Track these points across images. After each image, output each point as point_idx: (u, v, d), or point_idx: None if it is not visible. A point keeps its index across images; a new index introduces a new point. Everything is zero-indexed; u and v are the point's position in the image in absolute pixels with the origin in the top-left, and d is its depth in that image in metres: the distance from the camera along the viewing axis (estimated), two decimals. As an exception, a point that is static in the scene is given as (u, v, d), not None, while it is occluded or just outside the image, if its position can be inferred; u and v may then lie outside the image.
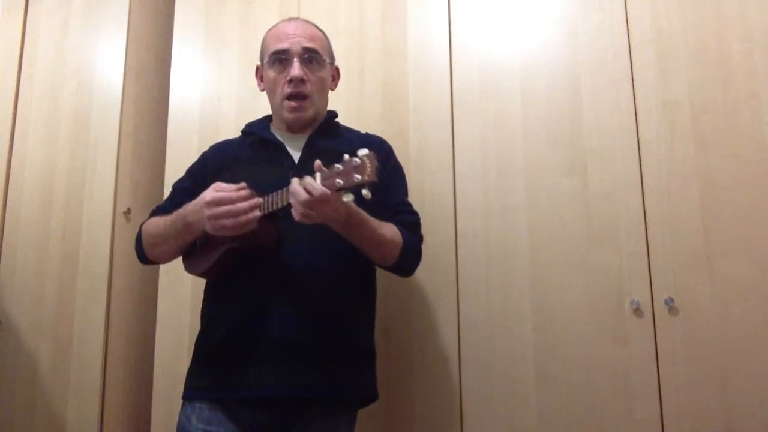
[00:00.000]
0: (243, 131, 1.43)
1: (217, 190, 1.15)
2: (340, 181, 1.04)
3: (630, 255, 1.51)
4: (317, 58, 1.35)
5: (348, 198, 1.04)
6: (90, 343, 1.90)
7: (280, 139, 1.37)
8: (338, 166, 1.05)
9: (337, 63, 1.74)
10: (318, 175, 1.07)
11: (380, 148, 1.40)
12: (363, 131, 1.49)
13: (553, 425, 1.51)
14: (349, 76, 1.83)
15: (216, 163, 1.38)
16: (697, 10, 1.56)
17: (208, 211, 1.12)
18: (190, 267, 1.33)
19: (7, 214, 2.09)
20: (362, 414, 1.37)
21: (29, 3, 2.23)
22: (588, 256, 1.54)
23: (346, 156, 1.06)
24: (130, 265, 1.98)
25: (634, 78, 1.58)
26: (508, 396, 1.55)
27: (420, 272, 1.66)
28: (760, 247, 1.44)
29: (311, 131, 1.37)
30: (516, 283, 1.59)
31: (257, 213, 1.13)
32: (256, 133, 1.39)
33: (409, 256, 1.32)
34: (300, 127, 1.37)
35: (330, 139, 1.37)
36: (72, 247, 1.98)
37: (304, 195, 1.05)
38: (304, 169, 1.25)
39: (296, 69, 1.30)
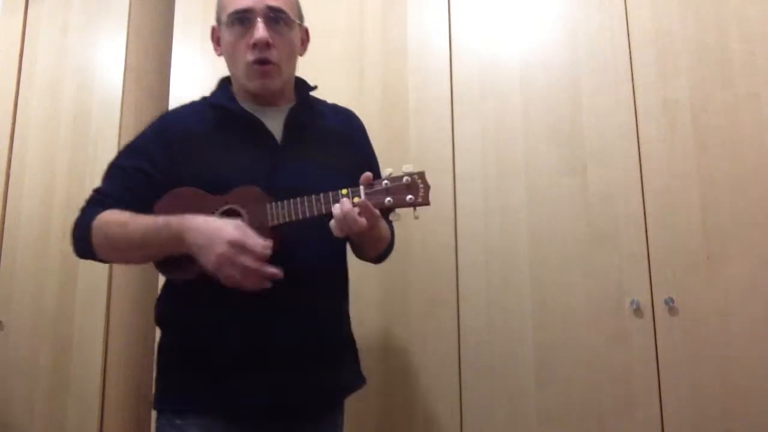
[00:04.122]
0: (209, 102, 1.22)
1: (245, 236, 0.99)
2: (391, 200, 0.99)
3: (630, 255, 1.51)
4: (284, 18, 1.15)
5: (395, 218, 1.00)
6: (90, 343, 1.90)
7: (253, 113, 1.17)
8: (386, 181, 1.00)
9: (337, 63, 1.74)
10: (362, 188, 1.00)
11: (357, 122, 1.32)
12: (329, 101, 1.33)
13: (553, 425, 1.51)
14: (349, 76, 1.83)
15: (181, 142, 1.14)
16: (697, 10, 1.56)
17: (224, 250, 0.97)
18: (169, 272, 1.12)
19: (7, 214, 2.09)
20: (362, 414, 1.38)
21: (29, 3, 2.23)
22: (588, 256, 1.54)
23: (390, 170, 1.00)
24: (130, 265, 1.98)
25: (634, 78, 1.58)
26: (508, 396, 1.55)
27: (420, 272, 1.66)
28: (760, 247, 1.43)
29: (285, 103, 1.21)
30: (516, 283, 1.59)
31: (267, 284, 1.01)
32: (225, 106, 1.18)
33: (390, 248, 1.28)
34: (269, 97, 1.19)
35: (309, 115, 1.22)
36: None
37: (362, 222, 0.98)
38: (289, 150, 1.15)
39: (260, 31, 1.11)
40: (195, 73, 2.01)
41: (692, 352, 1.44)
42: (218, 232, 0.99)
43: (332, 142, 1.20)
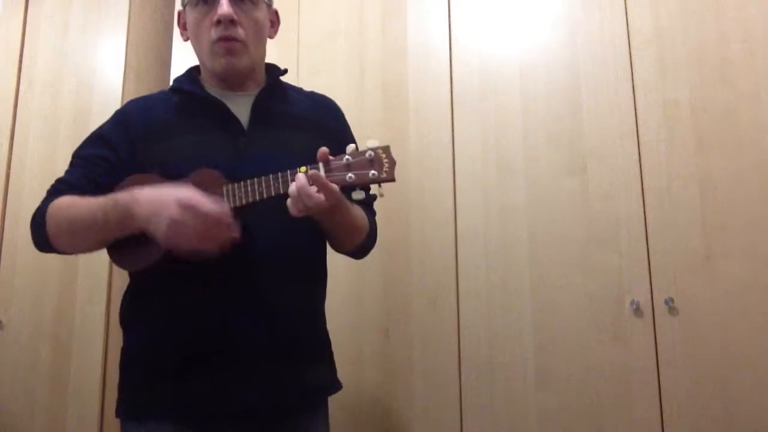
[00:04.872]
0: (172, 88, 1.17)
1: (193, 200, 0.91)
2: (352, 176, 0.92)
3: (630, 255, 1.51)
4: None
5: (358, 196, 0.94)
6: (90, 343, 1.91)
7: (219, 97, 1.12)
8: (347, 156, 0.93)
9: (337, 63, 1.74)
10: (321, 165, 0.94)
11: (334, 110, 1.26)
12: (307, 89, 1.28)
13: (553, 425, 1.51)
14: (349, 76, 1.83)
15: (142, 129, 1.10)
16: (697, 10, 1.56)
17: (175, 213, 0.90)
18: (125, 261, 1.07)
19: (7, 214, 2.09)
20: (362, 415, 1.38)
21: (29, 3, 2.23)
22: (588, 256, 1.54)
23: (353, 146, 0.94)
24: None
25: (634, 78, 1.58)
26: (508, 396, 1.55)
27: (420, 272, 1.66)
28: (760, 247, 1.43)
29: (254, 88, 1.16)
30: (516, 283, 1.59)
31: (229, 242, 0.93)
32: (189, 90, 1.13)
33: (371, 241, 1.20)
34: (236, 80, 1.14)
35: (279, 99, 1.17)
36: (72, 247, 1.98)
37: (318, 198, 0.92)
38: (255, 135, 1.10)
39: (224, 7, 1.06)
40: (195, 73, 2.01)
41: (692, 352, 1.44)
42: (164, 198, 0.92)
43: (303, 129, 1.14)
